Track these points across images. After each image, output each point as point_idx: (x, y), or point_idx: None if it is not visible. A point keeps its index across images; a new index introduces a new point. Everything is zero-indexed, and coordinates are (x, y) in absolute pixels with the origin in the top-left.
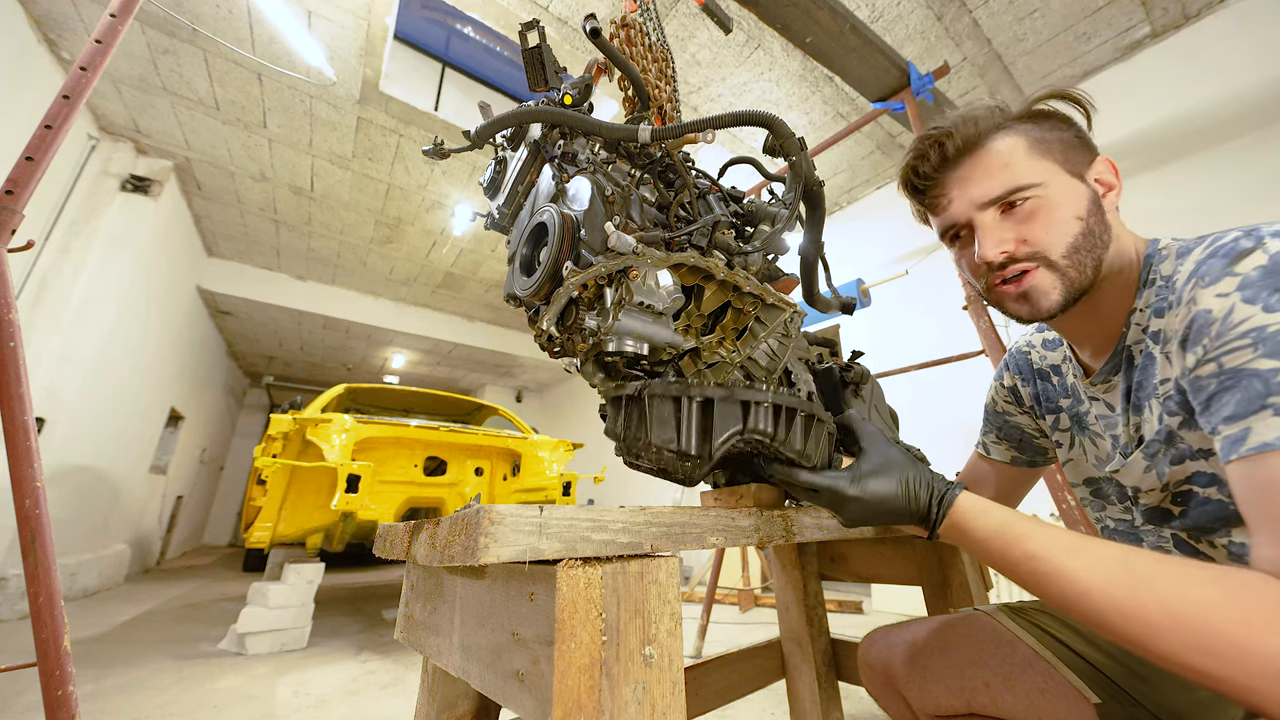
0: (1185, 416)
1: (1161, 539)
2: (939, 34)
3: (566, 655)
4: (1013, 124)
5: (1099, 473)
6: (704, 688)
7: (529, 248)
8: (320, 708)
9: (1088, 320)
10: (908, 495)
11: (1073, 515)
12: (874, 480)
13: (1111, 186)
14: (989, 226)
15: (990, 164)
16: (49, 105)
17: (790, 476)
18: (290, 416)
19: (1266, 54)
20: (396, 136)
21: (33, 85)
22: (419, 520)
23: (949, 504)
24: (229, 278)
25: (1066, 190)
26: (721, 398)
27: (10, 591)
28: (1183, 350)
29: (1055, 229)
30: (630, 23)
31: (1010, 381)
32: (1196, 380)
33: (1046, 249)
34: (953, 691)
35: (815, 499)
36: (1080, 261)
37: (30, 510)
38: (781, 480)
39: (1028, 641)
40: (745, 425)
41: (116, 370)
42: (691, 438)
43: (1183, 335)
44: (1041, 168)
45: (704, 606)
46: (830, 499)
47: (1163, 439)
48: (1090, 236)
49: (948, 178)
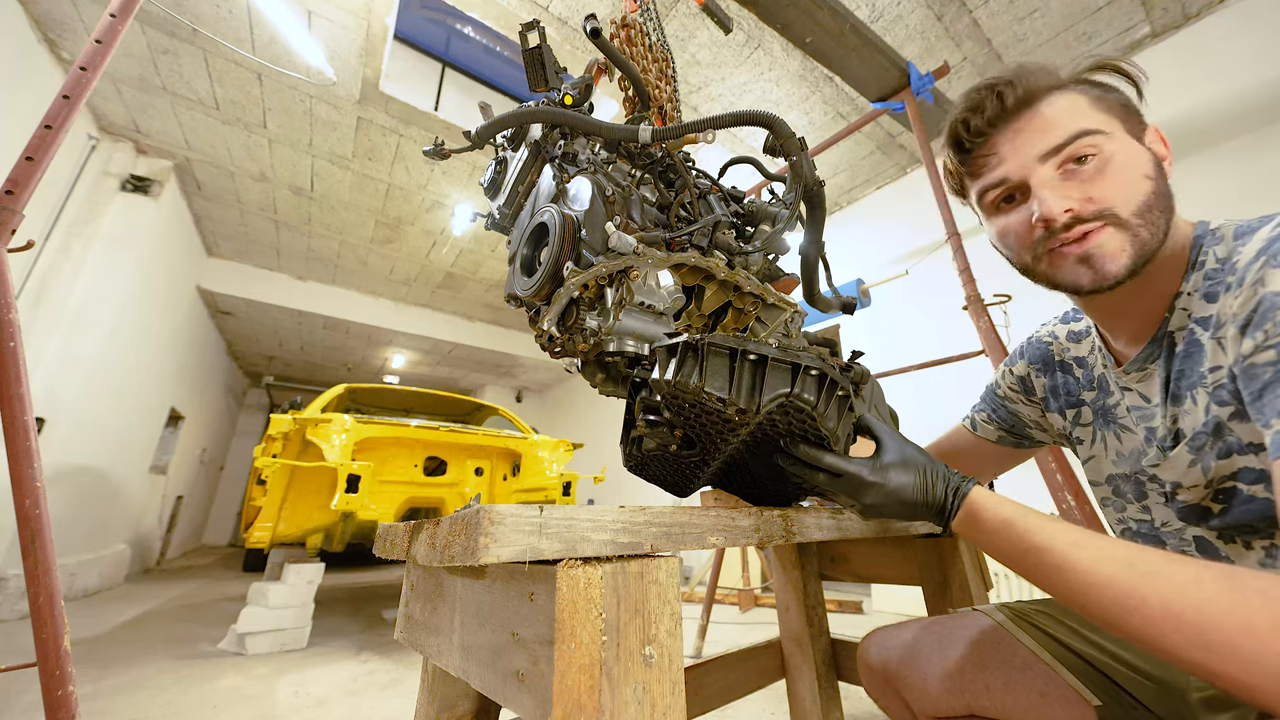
0: (1237, 407)
1: (1184, 541)
2: (939, 34)
3: (566, 655)
4: (1069, 84)
5: (1121, 469)
6: (704, 688)
7: (530, 248)
8: (320, 708)
9: (1134, 300)
10: (925, 486)
11: (1073, 515)
12: (893, 471)
13: (1164, 156)
14: (1050, 182)
15: (1051, 117)
16: (49, 105)
17: (816, 459)
18: (290, 416)
19: (1266, 54)
20: (396, 136)
21: (33, 85)
22: (419, 520)
23: (963, 496)
24: (229, 278)
25: (1132, 149)
26: (775, 358)
27: (10, 591)
28: (1241, 335)
29: (1125, 185)
30: (630, 23)
31: (1023, 370)
32: (1251, 368)
33: (1116, 205)
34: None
35: (835, 486)
36: (1153, 221)
37: (30, 510)
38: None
39: (1027, 643)
40: (792, 390)
41: (116, 370)
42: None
43: (1245, 319)
44: (1105, 120)
45: (704, 606)
46: (851, 486)
47: (1210, 431)
48: (1162, 198)
49: (1002, 133)
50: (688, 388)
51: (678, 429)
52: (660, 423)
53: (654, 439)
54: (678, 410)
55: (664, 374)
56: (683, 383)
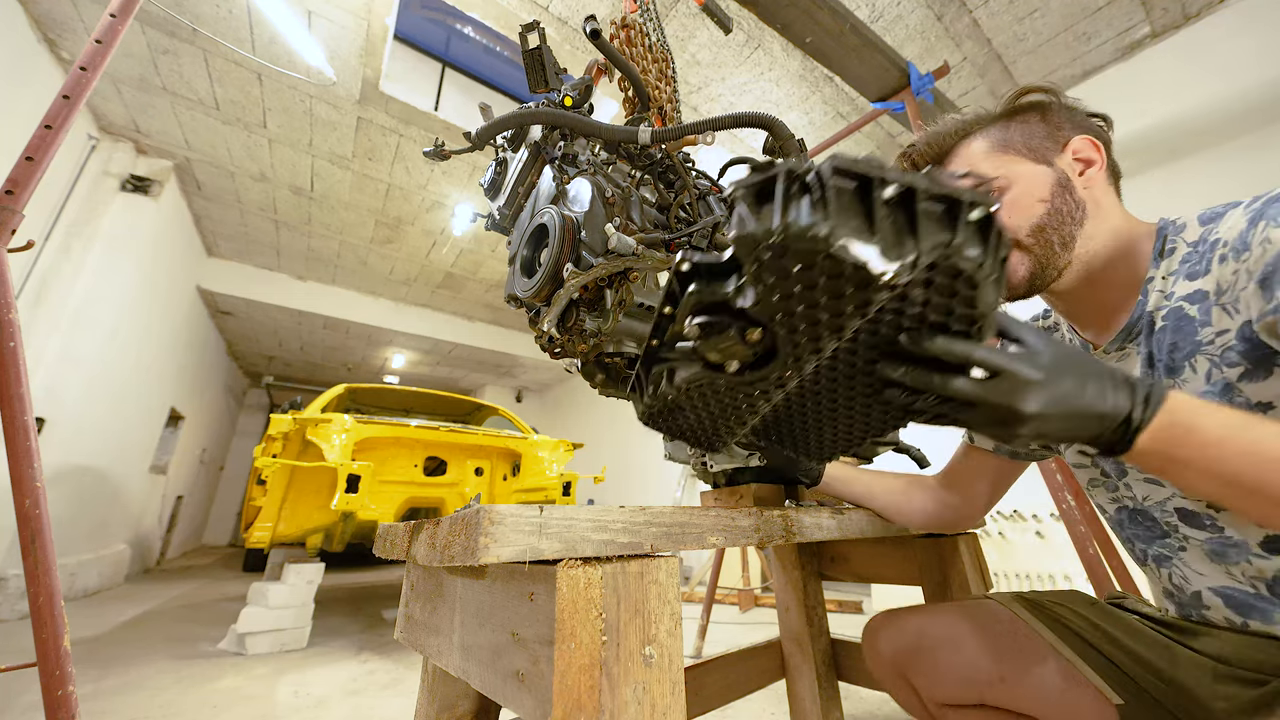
0: (1247, 367)
1: (1166, 513)
2: (939, 34)
3: (566, 655)
4: (981, 129)
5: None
6: (704, 688)
7: (530, 249)
8: (320, 708)
9: (1095, 292)
10: (1103, 380)
11: (1073, 515)
12: (1057, 365)
13: (1091, 162)
14: None
15: (955, 168)
16: (49, 105)
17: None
18: (290, 416)
19: (1266, 54)
20: (396, 136)
21: (33, 85)
22: (419, 520)
23: (1160, 395)
24: (229, 278)
25: (1029, 178)
26: (926, 187)
27: (10, 591)
28: (1264, 289)
29: (1017, 213)
30: (630, 23)
31: None
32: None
33: (1012, 231)
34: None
35: (984, 394)
36: (1046, 239)
37: (30, 510)
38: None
39: (1047, 637)
40: (954, 238)
41: (116, 370)
42: (888, 232)
43: (1262, 274)
44: (1001, 162)
45: (704, 606)
46: (1009, 392)
47: (1217, 392)
48: (1057, 215)
49: None
50: (814, 239)
51: (752, 328)
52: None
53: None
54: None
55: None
56: (804, 231)
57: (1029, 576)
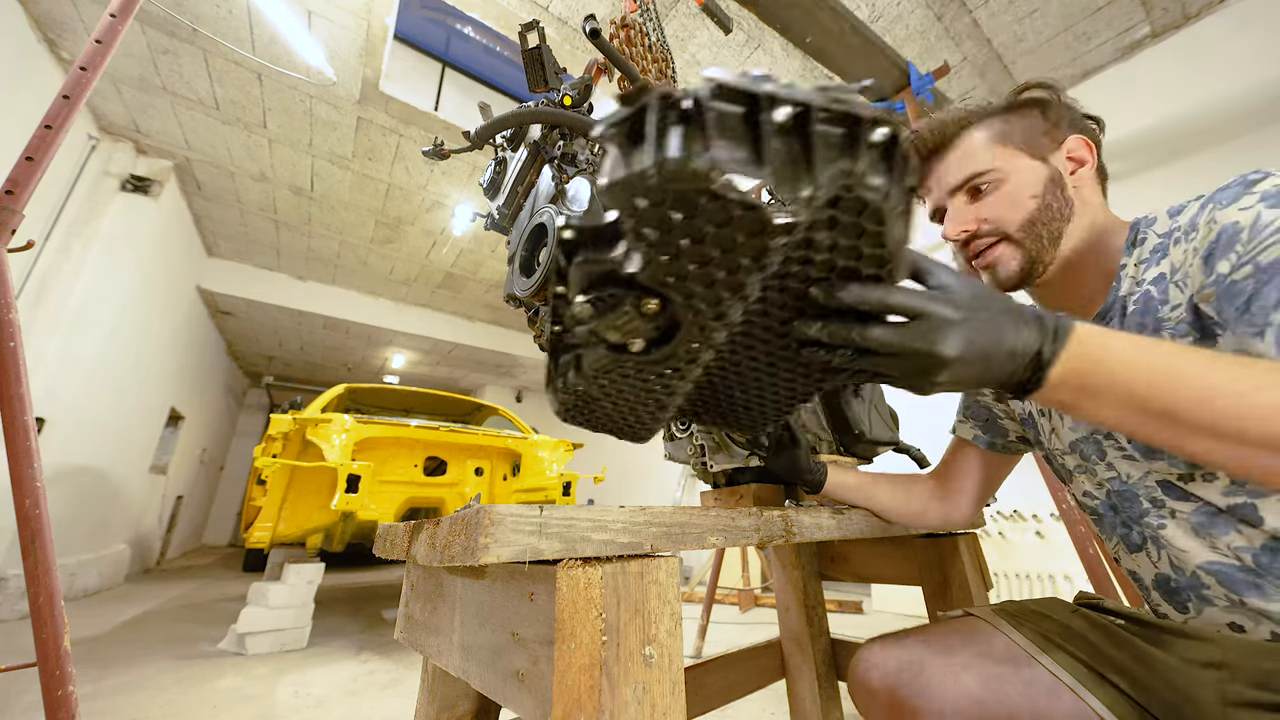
0: (1196, 336)
1: (1150, 488)
2: (939, 34)
3: (566, 655)
4: (983, 120)
5: (1079, 433)
6: (704, 688)
7: (528, 249)
8: (320, 708)
9: (1074, 283)
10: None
11: (1073, 515)
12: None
13: (1083, 161)
14: (954, 210)
15: (955, 161)
16: (49, 105)
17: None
18: (290, 416)
19: (1266, 54)
20: (396, 136)
21: (33, 85)
22: (419, 520)
23: (1068, 327)
24: (229, 278)
25: (1024, 173)
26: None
27: (10, 591)
28: (1206, 264)
29: (1010, 208)
30: (630, 23)
31: None
32: (1232, 287)
33: (1004, 225)
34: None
35: (902, 341)
36: (1036, 234)
37: (30, 510)
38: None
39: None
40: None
41: (116, 370)
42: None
43: (1206, 250)
44: (999, 155)
45: (704, 606)
46: (929, 334)
47: None
48: (1047, 211)
49: (930, 172)
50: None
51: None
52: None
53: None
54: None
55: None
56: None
57: (1029, 576)
